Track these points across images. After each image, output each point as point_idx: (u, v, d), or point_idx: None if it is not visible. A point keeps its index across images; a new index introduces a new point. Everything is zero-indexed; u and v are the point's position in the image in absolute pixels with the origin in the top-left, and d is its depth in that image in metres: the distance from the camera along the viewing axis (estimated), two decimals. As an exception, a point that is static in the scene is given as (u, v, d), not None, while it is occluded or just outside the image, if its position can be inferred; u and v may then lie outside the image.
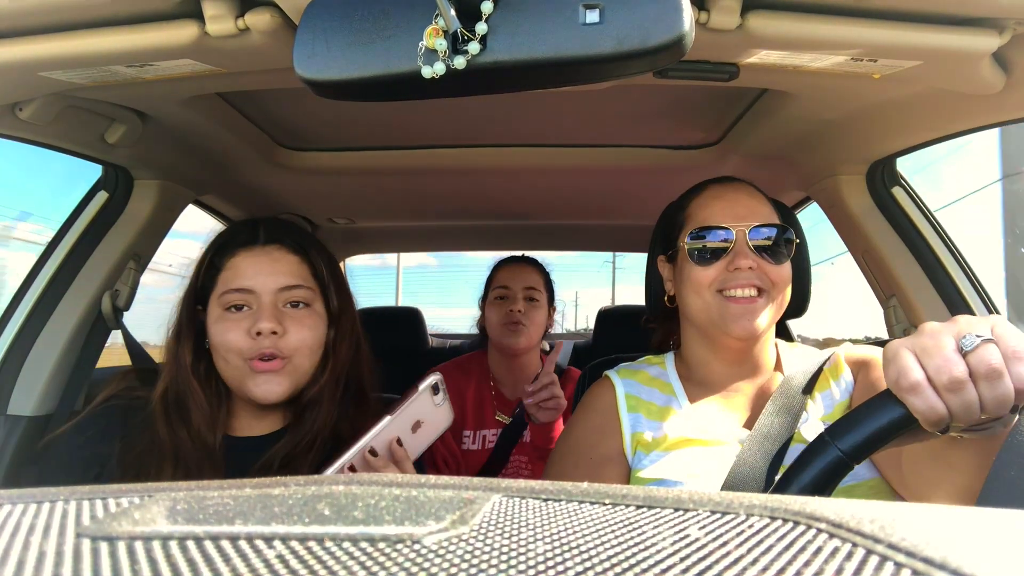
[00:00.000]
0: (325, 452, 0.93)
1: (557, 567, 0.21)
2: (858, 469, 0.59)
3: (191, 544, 0.23)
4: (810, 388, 0.93)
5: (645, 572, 0.21)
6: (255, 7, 0.74)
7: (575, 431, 1.02)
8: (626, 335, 1.75)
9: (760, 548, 0.22)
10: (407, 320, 2.69)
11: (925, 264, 1.30)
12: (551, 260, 1.89)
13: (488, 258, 2.05)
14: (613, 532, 0.24)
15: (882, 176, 1.34)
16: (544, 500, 0.28)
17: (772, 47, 0.80)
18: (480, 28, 0.56)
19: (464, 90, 0.61)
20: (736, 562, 0.21)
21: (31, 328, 1.25)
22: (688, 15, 0.55)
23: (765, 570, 0.20)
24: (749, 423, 0.95)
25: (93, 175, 1.35)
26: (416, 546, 0.23)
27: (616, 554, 0.22)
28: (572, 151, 1.55)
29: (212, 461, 0.89)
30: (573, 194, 1.88)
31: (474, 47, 0.56)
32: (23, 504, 0.28)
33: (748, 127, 1.32)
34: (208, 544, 0.23)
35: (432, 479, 0.31)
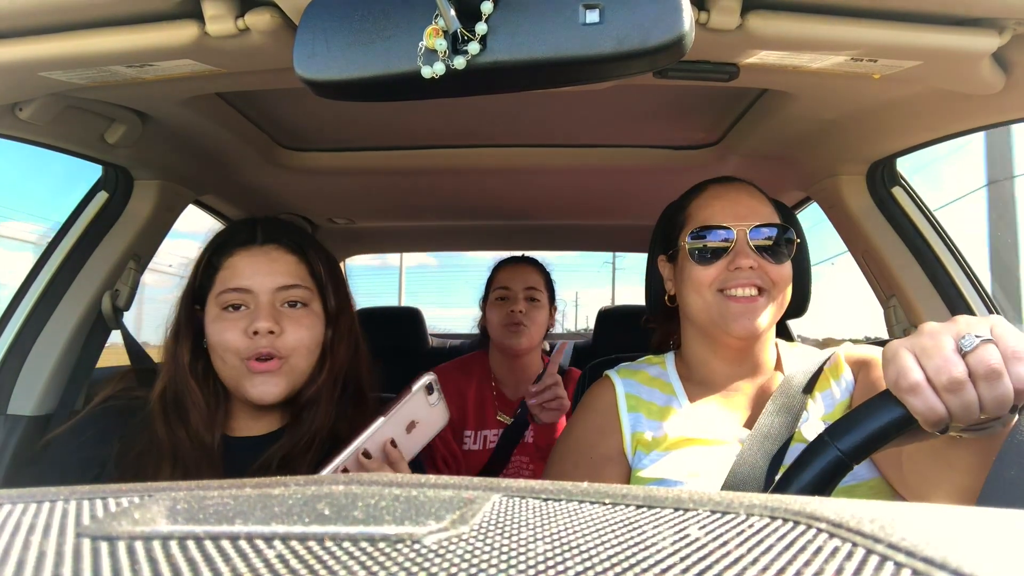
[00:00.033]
0: (323, 452, 0.92)
1: (557, 567, 0.21)
2: (858, 469, 0.59)
3: (191, 544, 0.23)
4: (810, 388, 0.93)
5: (645, 572, 0.21)
6: (255, 7, 0.74)
7: (575, 431, 1.02)
8: (626, 335, 1.75)
9: (760, 548, 0.22)
10: (407, 320, 2.69)
11: (925, 264, 1.30)
12: (551, 260, 1.89)
13: (488, 258, 2.05)
14: (613, 532, 0.24)
15: (882, 176, 1.34)
16: (544, 500, 0.28)
17: (772, 47, 0.80)
18: (480, 28, 0.56)
19: (464, 90, 0.61)
20: (736, 562, 0.21)
21: (31, 328, 1.25)
22: (688, 15, 0.55)
23: (765, 570, 0.20)
24: (749, 423, 0.95)
25: (93, 175, 1.35)
26: (416, 546, 0.23)
27: (616, 554, 0.22)
28: (572, 151, 1.55)
29: (210, 461, 0.89)
30: (573, 194, 1.88)
31: (474, 47, 0.56)
32: (23, 504, 0.27)
33: (748, 127, 1.32)
34: (208, 544, 0.23)
35: (432, 479, 0.31)
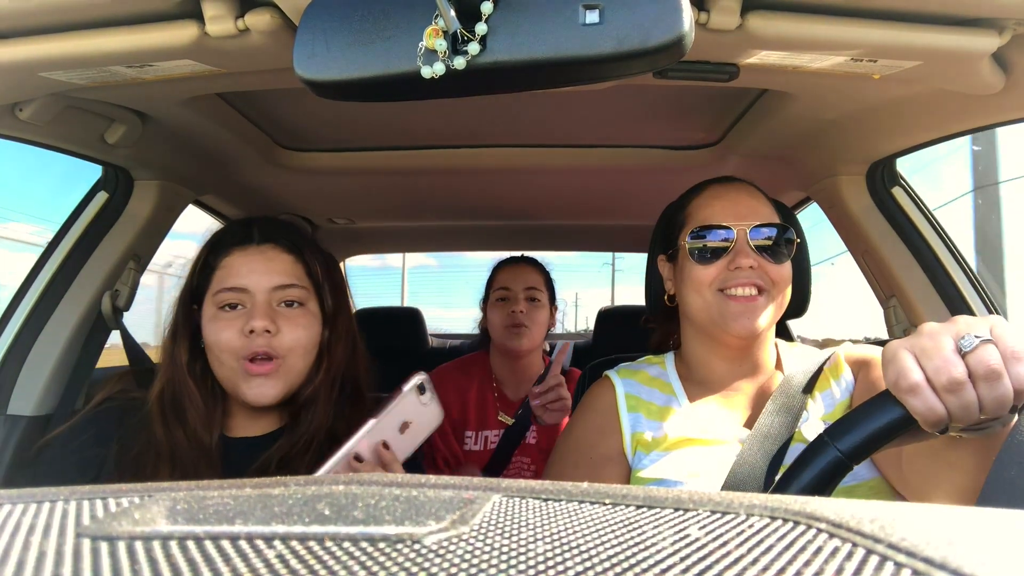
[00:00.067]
0: (322, 453, 0.92)
1: (557, 567, 0.21)
2: (858, 469, 0.59)
3: (191, 544, 0.23)
4: (810, 387, 0.93)
5: (645, 572, 0.21)
6: (255, 7, 0.74)
7: (575, 431, 1.02)
8: (626, 335, 1.75)
9: (760, 548, 0.22)
10: (407, 320, 2.69)
11: (925, 264, 1.30)
12: (551, 260, 1.89)
13: (488, 259, 2.05)
14: (613, 532, 0.24)
15: (882, 176, 1.34)
16: (544, 500, 0.28)
17: (772, 47, 0.80)
18: (480, 28, 0.56)
19: (464, 90, 0.61)
20: (736, 562, 0.21)
21: (31, 328, 1.25)
22: (688, 15, 0.55)
23: (765, 570, 0.20)
24: (749, 422, 0.95)
25: (93, 175, 1.35)
26: (416, 546, 0.23)
27: (616, 554, 0.22)
28: (572, 151, 1.55)
29: (208, 461, 0.89)
30: (573, 194, 1.88)
31: (474, 47, 0.56)
32: (23, 504, 0.27)
33: (748, 127, 1.32)
34: (208, 544, 0.23)
35: (432, 479, 0.31)
